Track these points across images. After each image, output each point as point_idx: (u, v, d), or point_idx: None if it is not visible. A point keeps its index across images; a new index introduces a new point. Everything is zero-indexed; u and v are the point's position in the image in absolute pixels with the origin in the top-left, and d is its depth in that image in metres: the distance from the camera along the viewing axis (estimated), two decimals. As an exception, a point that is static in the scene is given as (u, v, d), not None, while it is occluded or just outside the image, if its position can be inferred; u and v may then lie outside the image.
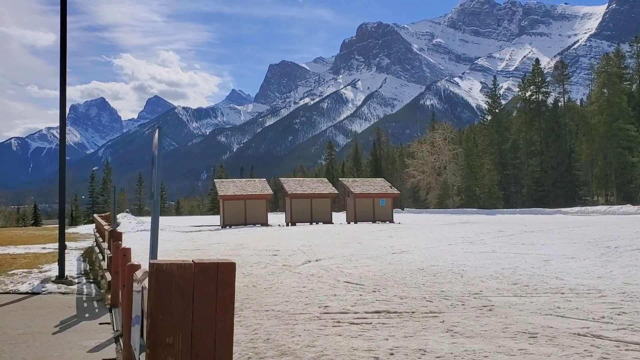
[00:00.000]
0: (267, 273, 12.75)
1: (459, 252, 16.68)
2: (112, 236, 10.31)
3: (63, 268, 12.53)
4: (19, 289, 11.52)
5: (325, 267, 13.40)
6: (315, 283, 11.11)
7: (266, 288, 10.70)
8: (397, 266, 13.57)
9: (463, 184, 77.70)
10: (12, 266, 15.33)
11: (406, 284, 10.83)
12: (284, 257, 16.09)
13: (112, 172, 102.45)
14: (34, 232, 36.42)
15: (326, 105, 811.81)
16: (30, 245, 23.39)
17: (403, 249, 17.76)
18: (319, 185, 39.66)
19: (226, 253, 17.69)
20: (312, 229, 30.68)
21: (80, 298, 10.94)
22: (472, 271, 12.49)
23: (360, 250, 17.55)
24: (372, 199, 38.96)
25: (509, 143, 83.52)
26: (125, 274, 6.20)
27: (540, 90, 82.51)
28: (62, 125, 13.03)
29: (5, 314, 9.24)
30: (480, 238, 21.88)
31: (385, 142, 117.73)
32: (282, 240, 22.71)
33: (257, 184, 38.93)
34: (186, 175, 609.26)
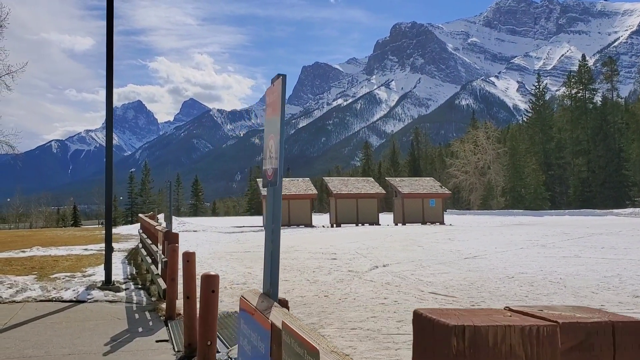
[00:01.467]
0: (334, 280, 11.31)
1: (538, 257, 15.03)
2: (167, 238, 9.01)
3: (110, 273, 11.34)
4: (62, 296, 10.35)
5: (398, 274, 11.89)
6: (396, 294, 9.61)
7: (341, 299, 9.26)
8: (479, 273, 11.98)
9: (508, 184, 74.98)
10: (55, 269, 14.29)
11: (505, 296, 9.26)
12: (345, 261, 14.65)
13: (150, 173, 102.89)
14: (75, 233, 35.89)
15: (359, 106, 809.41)
16: (71, 246, 22.51)
17: (473, 254, 16.14)
18: (365, 185, 38.04)
19: (280, 256, 16.34)
20: (361, 231, 29.18)
21: (129, 307, 9.68)
22: (571, 280, 10.85)
23: (425, 255, 15.99)
24: (422, 199, 37.15)
25: (554, 142, 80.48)
26: (202, 287, 4.84)
27: (587, 88, 79.28)
28: (108, 127, 11.89)
29: (48, 328, 8.02)
30: (549, 241, 20.20)
31: (424, 142, 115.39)
32: (334, 242, 21.27)
33: (301, 184, 37.53)
34: (221, 176, 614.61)
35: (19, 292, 10.48)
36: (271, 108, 2.79)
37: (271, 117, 2.77)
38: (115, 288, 11.07)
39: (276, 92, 2.67)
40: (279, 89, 2.63)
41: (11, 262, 15.82)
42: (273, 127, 2.72)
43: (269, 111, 2.83)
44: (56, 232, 37.74)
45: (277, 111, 2.64)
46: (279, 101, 2.60)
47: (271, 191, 2.79)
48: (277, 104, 2.64)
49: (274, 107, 2.72)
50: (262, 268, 10.88)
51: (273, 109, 2.73)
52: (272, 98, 2.76)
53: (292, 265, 14.03)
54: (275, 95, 2.68)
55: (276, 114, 2.66)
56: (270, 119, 2.79)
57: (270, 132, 2.78)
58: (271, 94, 2.78)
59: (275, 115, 2.67)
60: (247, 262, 15.04)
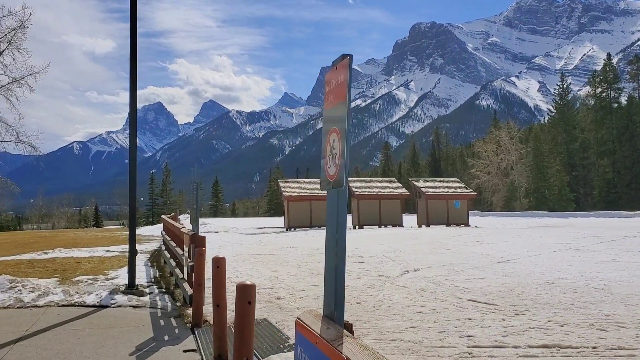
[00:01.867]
0: (365, 285, 10.84)
1: (574, 262, 14.40)
2: (193, 241, 8.63)
3: (133, 276, 11.01)
4: (85, 301, 10.03)
5: (432, 280, 11.38)
6: (433, 301, 9.12)
7: (375, 306, 8.78)
8: (516, 279, 11.42)
9: (531, 185, 73.68)
10: (77, 272, 14.04)
11: (550, 304, 8.71)
12: (373, 265, 14.16)
13: (171, 174, 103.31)
14: (96, 234, 35.91)
15: (378, 106, 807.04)
16: (93, 247, 22.38)
17: (506, 257, 15.55)
18: (388, 186, 37.43)
19: (304, 259, 15.91)
20: (384, 232, 28.65)
21: (154, 313, 9.32)
22: (616, 286, 10.24)
23: (456, 258, 15.44)
24: (446, 201, 36.42)
25: (578, 142, 78.96)
26: (238, 298, 4.40)
27: (612, 87, 77.63)
28: (132, 129, 11.58)
29: (70, 335, 7.67)
30: (582, 244, 19.54)
31: (445, 143, 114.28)
32: (358, 244, 20.79)
33: (323, 185, 37.01)
34: (240, 177, 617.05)
35: (41, 296, 10.20)
36: (333, 95, 2.35)
37: (333, 107, 2.34)
38: (139, 292, 10.74)
39: (341, 76, 2.23)
40: (344, 73, 2.20)
41: (33, 264, 15.64)
42: (336, 117, 2.29)
43: (330, 99, 2.40)
44: (78, 233, 37.82)
45: (342, 98, 2.21)
46: (345, 87, 2.17)
47: (334, 194, 2.35)
48: (341, 90, 2.21)
49: (337, 94, 2.29)
50: (289, 272, 10.35)
51: (336, 96, 2.30)
52: (335, 84, 2.33)
53: (319, 269, 13.58)
54: (339, 80, 2.25)
55: (340, 101, 2.23)
56: (333, 108, 2.36)
57: (332, 123, 2.35)
58: (333, 79, 2.35)
59: (340, 103, 2.24)
60: (272, 265, 14.64)
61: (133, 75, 11.50)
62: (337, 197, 2.31)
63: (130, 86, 11.51)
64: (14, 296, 10.10)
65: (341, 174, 2.20)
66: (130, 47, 11.48)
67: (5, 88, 26.79)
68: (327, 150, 2.38)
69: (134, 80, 11.53)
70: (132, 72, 11.51)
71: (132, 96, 11.48)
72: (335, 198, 2.34)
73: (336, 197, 2.33)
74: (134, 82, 11.53)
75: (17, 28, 25.47)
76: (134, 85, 11.53)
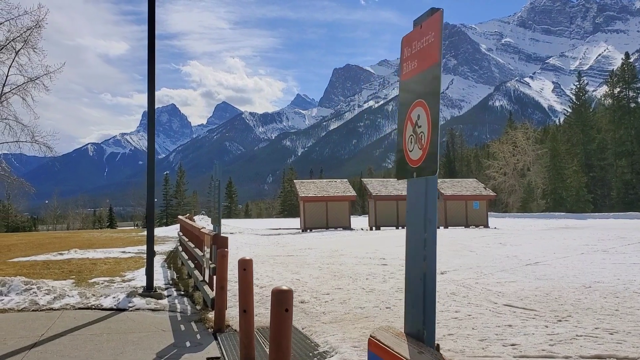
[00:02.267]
0: (391, 289, 10.37)
1: (606, 264, 13.83)
2: (215, 242, 8.22)
3: (152, 279, 10.63)
4: (102, 304, 9.67)
5: (461, 283, 10.88)
6: (467, 306, 8.63)
7: (406, 311, 8.31)
8: (550, 282, 10.89)
9: (548, 186, 72.60)
10: (93, 273, 13.72)
11: (592, 309, 8.19)
12: (397, 267, 13.68)
13: (185, 175, 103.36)
14: (111, 235, 35.74)
15: (391, 107, 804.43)
16: (109, 248, 22.11)
17: (533, 260, 15.00)
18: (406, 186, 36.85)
19: (325, 261, 15.46)
20: (403, 234, 28.07)
21: (174, 317, 8.93)
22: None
23: (482, 261, 14.91)
24: (465, 202, 35.80)
25: (595, 143, 77.71)
26: (273, 304, 3.95)
27: (630, 86, 76.34)
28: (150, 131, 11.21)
29: (87, 341, 7.29)
30: (609, 246, 18.92)
31: (459, 144, 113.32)
32: (379, 246, 20.31)
33: (339, 185, 36.54)
34: (253, 178, 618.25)
35: (57, 298, 9.86)
36: (416, 61, 1.90)
37: (418, 73, 1.88)
38: (158, 295, 10.36)
39: (430, 35, 1.78)
40: (434, 31, 1.74)
41: (49, 266, 15.36)
42: (422, 87, 1.83)
43: (411, 66, 1.95)
44: (93, 234, 37.69)
45: (433, 60, 1.76)
46: (436, 47, 1.72)
47: (420, 184, 1.91)
48: (430, 52, 1.76)
49: (423, 57, 1.83)
50: (311, 274, 9.74)
51: (422, 60, 1.85)
52: (419, 46, 1.87)
53: (341, 271, 13.14)
54: (426, 40, 1.80)
55: (431, 65, 1.77)
56: (417, 76, 1.90)
57: (414, 95, 1.89)
58: (416, 40, 1.90)
59: (429, 68, 1.79)
60: (292, 267, 14.21)
61: (151, 79, 11.12)
62: (426, 188, 1.87)
63: (149, 89, 11.13)
64: (29, 298, 9.77)
65: (431, 158, 1.77)
66: (149, 51, 11.12)
67: (21, 88, 26.70)
68: (406, 130, 1.94)
69: (152, 83, 11.15)
70: (150, 76, 11.13)
71: (150, 99, 11.10)
72: (421, 189, 1.89)
73: (423, 188, 1.88)
74: (152, 85, 11.16)
75: (32, 27, 25.35)
76: (152, 88, 11.16)
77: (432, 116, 1.75)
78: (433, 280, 1.90)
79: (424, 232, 1.91)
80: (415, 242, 1.98)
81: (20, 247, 24.38)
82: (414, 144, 1.91)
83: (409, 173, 1.98)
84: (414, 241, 2.00)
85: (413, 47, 1.95)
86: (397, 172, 2.12)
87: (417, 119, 1.90)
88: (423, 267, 1.93)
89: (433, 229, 1.88)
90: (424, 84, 1.84)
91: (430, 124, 1.78)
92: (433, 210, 1.87)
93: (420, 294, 1.92)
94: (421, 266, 1.94)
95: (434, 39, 1.74)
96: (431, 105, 1.77)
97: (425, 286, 1.90)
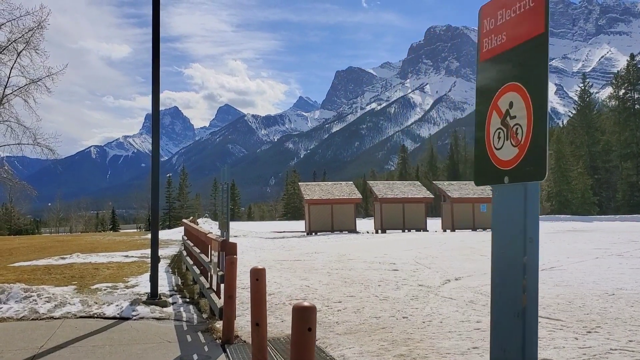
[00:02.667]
0: (406, 297, 9.95)
1: (624, 269, 13.44)
2: (224, 248, 7.81)
3: (156, 286, 10.23)
4: (104, 312, 9.27)
5: (478, 290, 10.46)
6: (487, 316, 8.17)
7: (424, 321, 7.90)
8: (570, 289, 10.47)
9: (554, 189, 72.03)
10: (95, 279, 13.33)
11: (622, 319, 7.76)
12: (408, 273, 13.26)
13: (187, 177, 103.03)
14: (114, 238, 35.35)
15: (393, 110, 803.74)
16: (112, 252, 21.72)
17: (547, 264, 14.59)
18: (412, 189, 36.38)
19: (333, 266, 15.04)
20: (411, 237, 27.68)
21: (179, 326, 8.52)
22: (686, 298, 9.28)
23: (495, 265, 14.47)
24: (472, 204, 35.32)
25: (600, 145, 77.11)
26: (296, 322, 3.54)
27: (635, 88, 75.78)
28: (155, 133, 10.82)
29: (89, 353, 6.89)
30: (622, 250, 18.54)
31: (463, 146, 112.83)
32: (387, 250, 19.90)
33: (345, 188, 36.06)
34: (255, 181, 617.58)
35: (58, 306, 9.46)
36: (504, 33, 1.50)
37: (507, 50, 1.47)
38: (162, 303, 9.96)
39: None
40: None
41: (50, 271, 14.97)
42: (516, 66, 1.42)
43: (496, 42, 1.54)
44: (96, 237, 37.31)
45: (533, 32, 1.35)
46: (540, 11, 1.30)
47: (515, 192, 1.50)
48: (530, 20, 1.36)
49: (517, 28, 1.43)
50: (320, 280, 9.21)
51: (513, 32, 1.44)
52: (512, 13, 1.46)
53: (351, 277, 12.72)
54: (524, 3, 1.39)
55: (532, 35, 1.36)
56: (505, 53, 1.49)
57: (503, 78, 1.47)
58: (506, 6, 1.48)
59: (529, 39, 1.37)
60: (300, 272, 13.79)
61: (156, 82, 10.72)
62: (525, 198, 1.44)
63: (153, 92, 10.74)
64: (28, 307, 9.38)
65: (533, 158, 1.33)
66: (153, 54, 10.73)
67: (23, 89, 26.28)
68: (490, 122, 1.52)
69: (157, 85, 10.76)
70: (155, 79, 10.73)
71: (155, 102, 10.70)
72: (517, 199, 1.46)
73: (520, 198, 1.44)
74: (157, 88, 10.76)
75: (34, 28, 24.94)
76: (156, 91, 10.75)
77: (536, 103, 1.33)
78: (535, 318, 1.47)
79: (523, 255, 1.50)
80: (509, 268, 1.55)
81: (21, 250, 24.01)
82: (504, 140, 1.49)
83: (495, 177, 1.55)
84: (506, 266, 1.57)
85: (499, 17, 1.51)
86: (477, 177, 1.71)
87: (509, 107, 1.48)
88: (522, 301, 1.50)
89: (535, 250, 1.47)
90: (520, 61, 1.42)
91: (531, 114, 1.36)
92: (534, 226, 1.46)
93: (518, 337, 1.50)
94: (519, 299, 1.51)
95: (535, 2, 1.33)
96: (533, 89, 1.35)
97: (525, 326, 1.48)
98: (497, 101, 1.55)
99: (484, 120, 1.59)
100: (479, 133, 1.66)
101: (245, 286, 11.01)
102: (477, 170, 1.70)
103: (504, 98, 1.50)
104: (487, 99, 1.58)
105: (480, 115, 1.62)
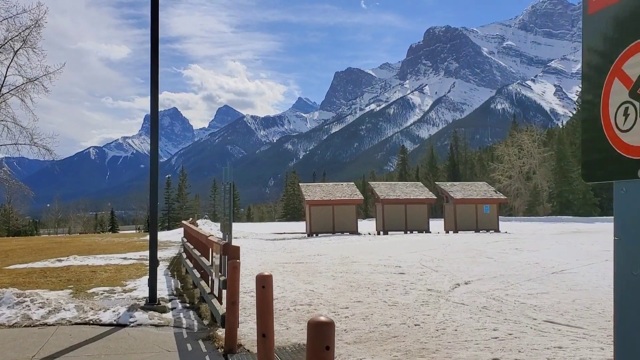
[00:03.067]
0: (416, 302, 9.54)
1: (637, 272, 12.97)
2: (226, 252, 7.40)
3: (155, 291, 9.82)
4: (100, 319, 8.86)
5: (490, 295, 10.05)
6: (504, 323, 7.80)
7: (438, 329, 7.48)
8: (586, 294, 10.08)
9: (555, 189, 71.72)
10: (92, 282, 12.91)
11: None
12: (415, 276, 12.85)
13: (187, 178, 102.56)
14: (113, 239, 34.92)
15: (392, 111, 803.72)
16: (110, 254, 21.29)
17: (557, 267, 14.17)
18: (414, 190, 35.96)
19: (338, 269, 14.62)
20: (413, 239, 27.26)
21: (179, 334, 8.12)
22: None
23: (503, 269, 14.08)
24: (475, 205, 34.91)
25: (601, 145, 76.74)
26: (312, 339, 3.13)
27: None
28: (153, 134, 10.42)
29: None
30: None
31: (463, 147, 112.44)
32: (390, 252, 19.48)
33: (346, 188, 35.65)
34: (254, 182, 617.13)
35: (52, 312, 9.05)
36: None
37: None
38: (161, 308, 9.55)
39: None
40: None
41: (46, 274, 14.55)
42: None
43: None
44: (94, 239, 36.88)
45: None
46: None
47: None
48: None
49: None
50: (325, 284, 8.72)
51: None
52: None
53: (357, 280, 12.30)
54: None
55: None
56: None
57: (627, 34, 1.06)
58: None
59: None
60: (303, 275, 13.38)
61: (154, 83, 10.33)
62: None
63: (152, 93, 10.34)
64: (21, 313, 8.96)
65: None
66: (152, 57, 10.33)
67: (20, 89, 25.82)
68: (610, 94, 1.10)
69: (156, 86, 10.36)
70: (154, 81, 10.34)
71: (154, 103, 10.30)
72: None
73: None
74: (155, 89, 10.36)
75: (31, 26, 24.45)
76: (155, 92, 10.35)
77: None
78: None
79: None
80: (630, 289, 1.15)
81: (18, 252, 23.57)
82: (636, 118, 1.08)
83: (621, 170, 1.12)
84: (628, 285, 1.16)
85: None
86: (589, 170, 1.28)
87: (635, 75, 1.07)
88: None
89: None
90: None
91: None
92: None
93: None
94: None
95: None
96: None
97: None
98: (622, 65, 1.14)
99: (598, 93, 1.17)
100: (587, 112, 1.25)
101: (247, 290, 10.61)
102: (589, 161, 1.28)
103: (633, 60, 1.09)
104: (604, 64, 1.17)
105: (592, 86, 1.20)
